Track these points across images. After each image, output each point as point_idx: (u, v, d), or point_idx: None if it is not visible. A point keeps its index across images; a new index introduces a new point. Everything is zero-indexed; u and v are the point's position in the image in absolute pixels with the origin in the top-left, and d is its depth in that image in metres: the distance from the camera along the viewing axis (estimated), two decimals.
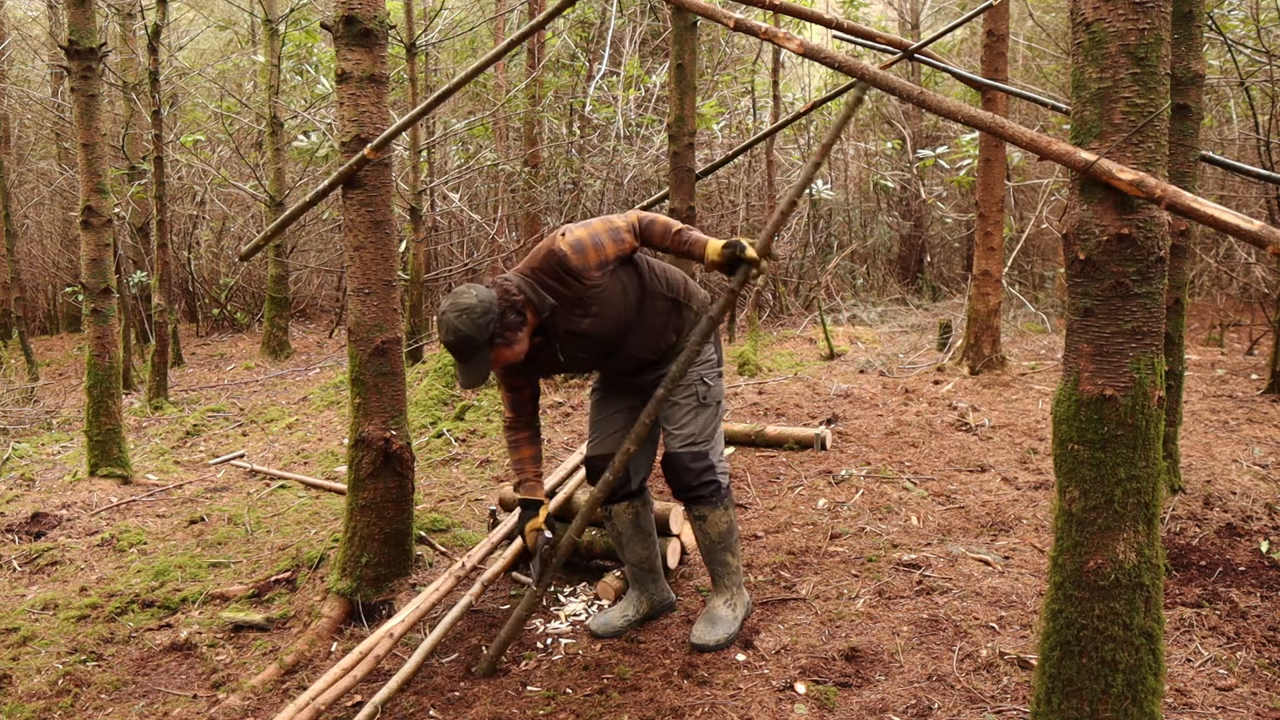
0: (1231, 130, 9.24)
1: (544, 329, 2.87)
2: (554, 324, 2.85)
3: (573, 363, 3.00)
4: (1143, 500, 1.98)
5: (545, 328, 2.87)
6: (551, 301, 2.81)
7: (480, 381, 2.78)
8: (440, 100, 3.69)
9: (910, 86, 2.28)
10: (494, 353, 2.77)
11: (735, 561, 3.14)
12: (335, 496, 4.89)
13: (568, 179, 10.86)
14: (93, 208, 5.40)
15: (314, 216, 12.27)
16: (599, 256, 2.82)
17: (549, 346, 2.91)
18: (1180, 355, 3.68)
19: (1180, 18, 3.45)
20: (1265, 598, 3.15)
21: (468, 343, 2.70)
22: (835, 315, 10.17)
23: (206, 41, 14.84)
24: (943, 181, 11.92)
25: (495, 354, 2.78)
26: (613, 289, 2.87)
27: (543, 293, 2.81)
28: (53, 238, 14.18)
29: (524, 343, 2.82)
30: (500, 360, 2.81)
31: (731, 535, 3.11)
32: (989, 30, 6.43)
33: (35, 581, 4.11)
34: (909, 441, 5.09)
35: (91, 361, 5.42)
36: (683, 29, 5.34)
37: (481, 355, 2.73)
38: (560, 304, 2.83)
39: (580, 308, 2.84)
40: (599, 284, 2.83)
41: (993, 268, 6.56)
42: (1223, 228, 1.89)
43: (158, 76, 8.01)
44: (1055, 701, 2.06)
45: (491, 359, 2.77)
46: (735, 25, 2.81)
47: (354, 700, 2.90)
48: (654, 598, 3.29)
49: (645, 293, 2.96)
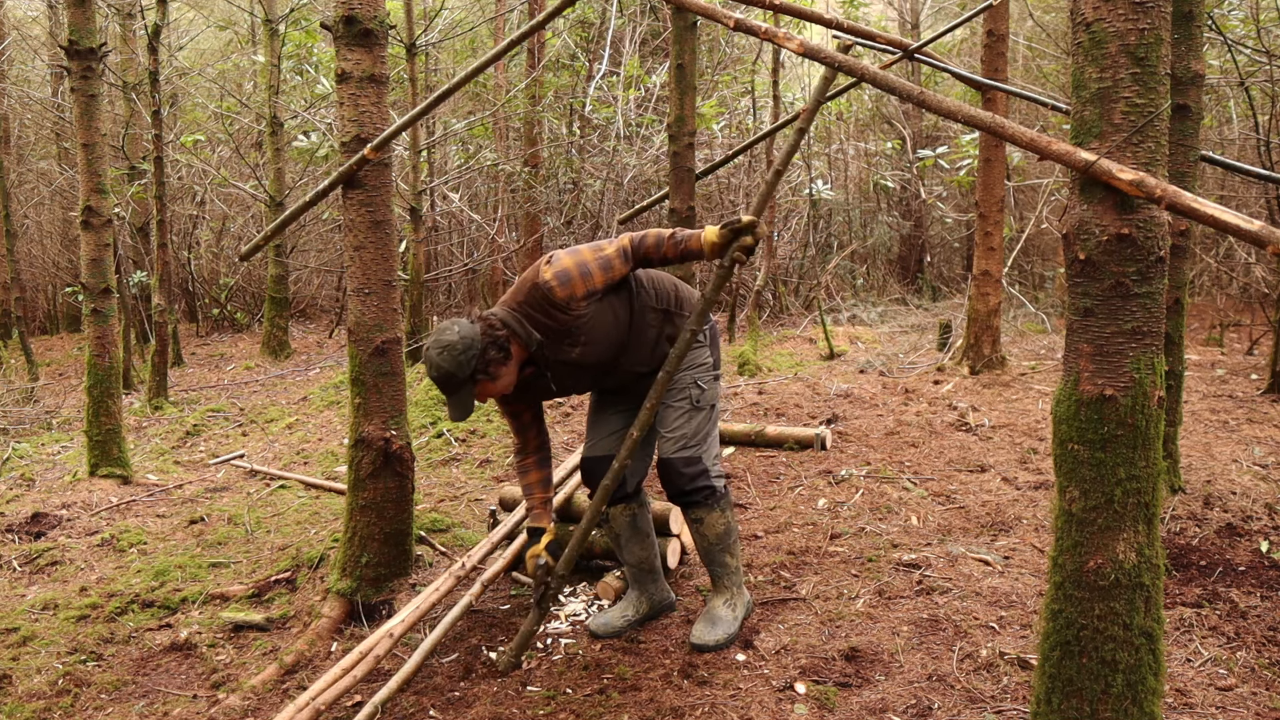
0: (1231, 130, 9.24)
1: (534, 360, 2.88)
2: (544, 355, 2.85)
3: (566, 390, 3.02)
4: (1143, 500, 1.98)
5: (535, 359, 2.87)
6: (538, 336, 2.80)
7: (466, 415, 2.80)
8: (440, 100, 3.69)
9: (910, 86, 2.28)
10: (478, 388, 2.79)
11: (734, 562, 3.13)
12: (335, 496, 4.89)
13: (568, 179, 10.86)
14: (93, 208, 5.40)
15: (314, 216, 12.27)
16: (586, 287, 2.78)
17: (541, 376, 2.92)
18: (1180, 355, 3.68)
19: (1180, 18, 3.45)
20: (1265, 598, 3.15)
21: (450, 379, 2.72)
22: (835, 315, 10.17)
23: (206, 41, 14.84)
24: (943, 181, 11.93)
25: (480, 389, 2.80)
26: (601, 316, 2.85)
27: (529, 327, 2.79)
28: (53, 238, 14.17)
29: (510, 376, 2.82)
30: (486, 394, 2.83)
31: (729, 536, 3.10)
32: (989, 30, 6.43)
33: (35, 581, 4.11)
34: (909, 441, 5.09)
35: (91, 361, 5.42)
36: (683, 29, 5.34)
37: (465, 390, 2.75)
38: (547, 337, 2.82)
39: (569, 338, 2.83)
40: (585, 314, 2.81)
41: (993, 268, 6.56)
42: (1223, 228, 1.89)
43: (158, 76, 8.01)
44: (1055, 701, 2.06)
45: (477, 393, 2.80)
46: (735, 25, 2.81)
47: (354, 700, 2.90)
48: (654, 598, 3.28)
49: (635, 310, 2.94)
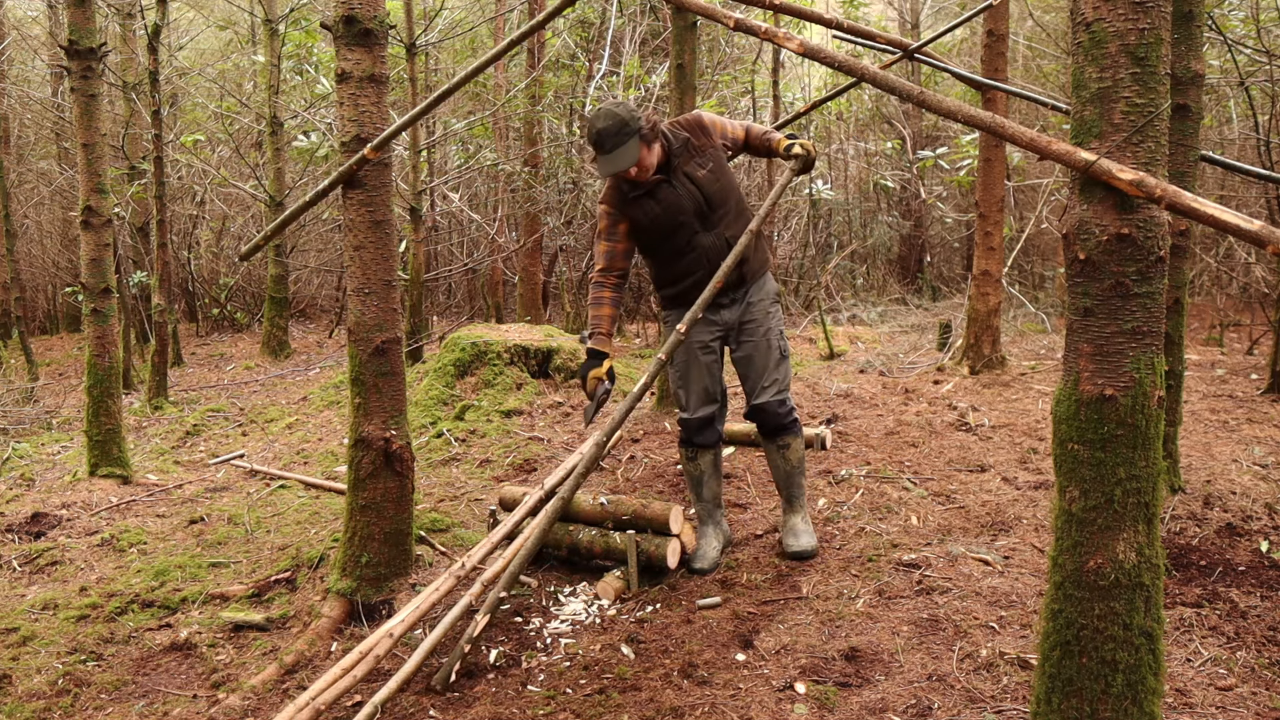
0: (1231, 130, 9.23)
1: (667, 168, 3.43)
2: (676, 166, 3.44)
3: (663, 222, 3.46)
4: (1143, 500, 1.98)
5: (668, 167, 3.43)
6: (685, 135, 3.44)
7: (623, 168, 3.27)
8: (440, 100, 3.69)
9: (910, 86, 2.28)
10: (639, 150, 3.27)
11: (805, 484, 3.78)
12: (335, 496, 4.89)
13: (568, 179, 10.85)
14: (93, 208, 5.40)
15: (314, 216, 12.27)
16: (722, 130, 3.54)
17: (665, 185, 3.44)
18: (1180, 355, 3.68)
19: (1180, 18, 3.45)
20: (1265, 598, 3.15)
21: (622, 126, 3.24)
22: (835, 315, 10.17)
23: (206, 41, 14.84)
24: (943, 181, 11.93)
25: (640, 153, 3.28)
26: (724, 163, 3.53)
27: (679, 132, 3.46)
28: (53, 238, 14.17)
29: (654, 159, 3.38)
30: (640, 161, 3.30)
31: (803, 460, 3.75)
32: (989, 30, 6.43)
33: (35, 581, 4.11)
34: (909, 441, 5.09)
35: (91, 361, 5.42)
36: (683, 29, 5.34)
37: (632, 143, 3.25)
38: (686, 148, 3.44)
39: (701, 157, 3.46)
40: (717, 150, 3.49)
41: (993, 267, 6.56)
42: (1223, 228, 1.89)
43: (158, 76, 8.01)
44: (1055, 701, 2.06)
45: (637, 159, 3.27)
46: (735, 25, 2.81)
47: (354, 700, 2.90)
48: (722, 527, 3.81)
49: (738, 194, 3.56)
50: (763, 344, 3.59)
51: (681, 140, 3.46)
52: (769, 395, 3.60)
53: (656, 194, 3.45)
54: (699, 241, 3.50)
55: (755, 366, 3.61)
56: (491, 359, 6.62)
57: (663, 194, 3.45)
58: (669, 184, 3.44)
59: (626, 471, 4.92)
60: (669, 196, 3.45)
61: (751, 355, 3.61)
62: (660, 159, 3.42)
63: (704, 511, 3.82)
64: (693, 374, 3.65)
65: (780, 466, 3.72)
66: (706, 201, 3.46)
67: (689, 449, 3.75)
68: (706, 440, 3.73)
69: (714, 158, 3.48)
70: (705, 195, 3.46)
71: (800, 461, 3.73)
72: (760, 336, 3.59)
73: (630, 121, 3.25)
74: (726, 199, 3.51)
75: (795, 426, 3.69)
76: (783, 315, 3.71)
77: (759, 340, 3.59)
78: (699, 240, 3.50)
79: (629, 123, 3.25)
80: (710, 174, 3.46)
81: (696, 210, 3.47)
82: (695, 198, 3.46)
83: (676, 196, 3.45)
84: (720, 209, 3.50)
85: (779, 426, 3.66)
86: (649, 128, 3.31)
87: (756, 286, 3.62)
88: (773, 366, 3.60)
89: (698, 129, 3.47)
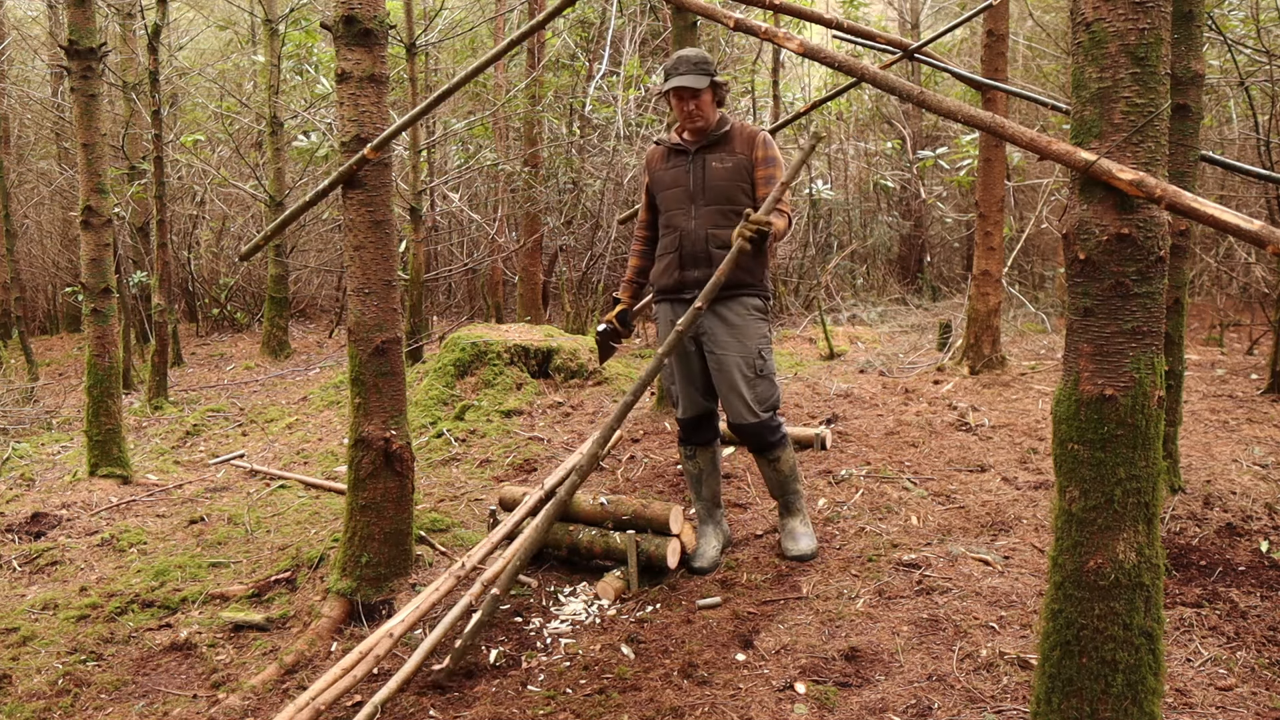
0: (1231, 130, 9.23)
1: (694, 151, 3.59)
2: (703, 148, 3.58)
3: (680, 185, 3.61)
4: (1143, 500, 1.98)
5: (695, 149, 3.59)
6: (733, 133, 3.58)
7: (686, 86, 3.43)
8: (440, 100, 3.69)
9: (910, 86, 2.28)
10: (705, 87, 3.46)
11: (800, 488, 3.79)
12: (335, 496, 4.89)
13: (568, 179, 10.85)
14: (93, 208, 5.40)
15: (314, 216, 12.27)
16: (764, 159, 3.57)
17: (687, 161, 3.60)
18: (1180, 355, 3.68)
19: (1180, 18, 3.45)
20: (1265, 598, 3.15)
21: (705, 65, 3.49)
22: (835, 315, 10.16)
23: (206, 41, 14.84)
24: (943, 181, 11.93)
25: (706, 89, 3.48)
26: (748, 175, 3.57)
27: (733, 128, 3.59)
28: (53, 238, 14.17)
29: (712, 111, 3.56)
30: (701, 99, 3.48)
31: (796, 468, 3.77)
32: (989, 30, 6.43)
33: (35, 581, 4.11)
34: (909, 441, 5.09)
35: (91, 361, 5.42)
36: (683, 29, 5.33)
37: (704, 80, 3.45)
38: (724, 140, 3.58)
39: (730, 157, 3.56)
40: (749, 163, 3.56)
41: (993, 267, 6.56)
42: (1223, 228, 1.89)
43: (158, 76, 8.01)
44: (1055, 701, 2.06)
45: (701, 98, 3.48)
46: (735, 25, 2.81)
47: (354, 700, 2.90)
48: (722, 527, 3.84)
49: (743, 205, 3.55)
50: (726, 360, 3.55)
51: (727, 133, 3.58)
52: (745, 416, 3.58)
53: (676, 167, 3.63)
54: (681, 222, 3.60)
55: (722, 381, 3.60)
56: (491, 359, 6.62)
57: (679, 168, 3.62)
58: (690, 161, 3.60)
59: (626, 471, 4.92)
60: (680, 172, 3.62)
61: (716, 370, 3.60)
62: (708, 126, 3.56)
63: (704, 511, 3.85)
64: (680, 374, 3.71)
65: (772, 477, 3.75)
66: (705, 189, 3.56)
67: (687, 447, 3.80)
68: (703, 438, 3.77)
69: (740, 164, 3.55)
70: (707, 183, 3.55)
71: (792, 469, 3.73)
72: (722, 351, 3.55)
73: (712, 67, 3.50)
74: (726, 198, 3.55)
75: (781, 441, 3.69)
76: (768, 333, 3.66)
77: (719, 355, 3.55)
78: (682, 221, 3.60)
79: (711, 67, 3.50)
80: (725, 171, 3.55)
81: (694, 192, 3.58)
82: (699, 181, 3.57)
83: (686, 175, 3.60)
84: (715, 203, 3.55)
85: (761, 445, 3.67)
86: (723, 87, 3.54)
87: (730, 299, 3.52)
88: (742, 384, 3.56)
89: (748, 139, 3.57)
